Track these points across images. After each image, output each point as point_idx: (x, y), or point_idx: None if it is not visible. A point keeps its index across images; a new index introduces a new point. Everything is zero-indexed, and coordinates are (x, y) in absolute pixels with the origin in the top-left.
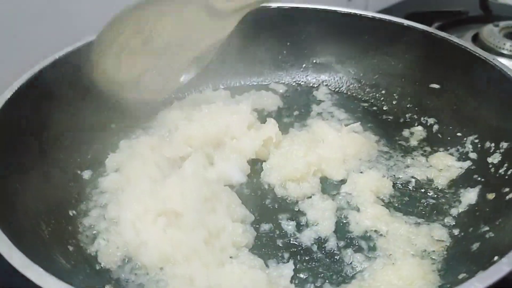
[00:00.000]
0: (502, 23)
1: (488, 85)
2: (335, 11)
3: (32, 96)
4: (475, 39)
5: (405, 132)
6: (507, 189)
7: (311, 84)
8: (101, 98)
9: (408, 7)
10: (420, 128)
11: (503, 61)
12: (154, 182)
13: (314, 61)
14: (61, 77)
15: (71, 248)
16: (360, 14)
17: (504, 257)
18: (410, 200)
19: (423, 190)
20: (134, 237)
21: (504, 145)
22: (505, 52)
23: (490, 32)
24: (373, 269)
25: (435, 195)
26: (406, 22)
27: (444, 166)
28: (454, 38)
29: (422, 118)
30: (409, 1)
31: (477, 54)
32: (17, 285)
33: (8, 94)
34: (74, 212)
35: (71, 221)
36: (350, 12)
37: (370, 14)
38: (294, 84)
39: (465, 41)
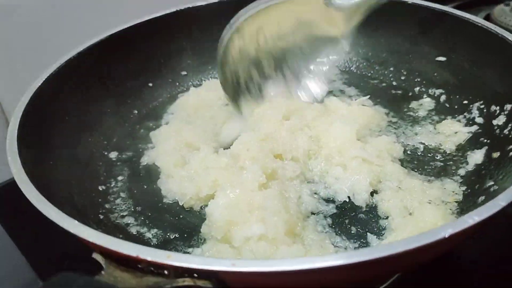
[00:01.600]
0: None
1: (491, 53)
2: None
3: (61, 85)
4: (487, 19)
5: (414, 104)
6: (511, 147)
7: None
8: (124, 87)
9: None
10: (428, 99)
11: None
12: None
13: None
14: (85, 69)
15: (101, 217)
16: None
17: (501, 194)
18: (418, 164)
19: (431, 155)
20: None
21: (508, 107)
22: None
23: (501, 11)
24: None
25: (443, 158)
26: (410, 0)
27: (451, 132)
28: (455, 11)
29: (430, 90)
30: None
31: (479, 24)
32: None
33: (38, 82)
34: (103, 187)
35: (100, 195)
36: None
37: None
38: None
39: (465, 13)
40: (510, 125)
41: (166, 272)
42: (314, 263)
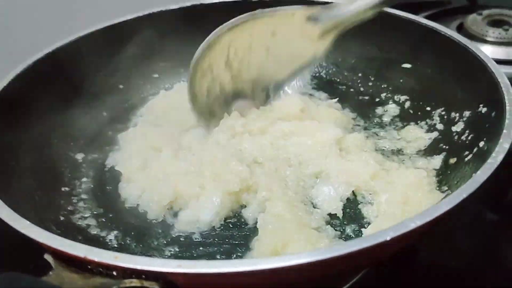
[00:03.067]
0: (486, 12)
1: (453, 62)
2: (312, 1)
3: (28, 86)
4: (461, 28)
5: (379, 110)
6: (467, 152)
7: None
8: (94, 89)
9: None
10: (393, 105)
11: (487, 47)
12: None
13: None
14: (55, 70)
15: (62, 218)
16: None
17: (446, 198)
18: None
19: (392, 160)
20: None
21: (467, 113)
22: (488, 39)
23: (474, 20)
24: None
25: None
26: None
27: (413, 138)
28: (420, 19)
29: (395, 96)
30: None
31: (442, 33)
32: None
33: (4, 82)
34: (66, 188)
35: (63, 196)
36: (327, 1)
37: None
38: None
39: (430, 21)
40: (467, 131)
41: (114, 273)
42: (261, 264)
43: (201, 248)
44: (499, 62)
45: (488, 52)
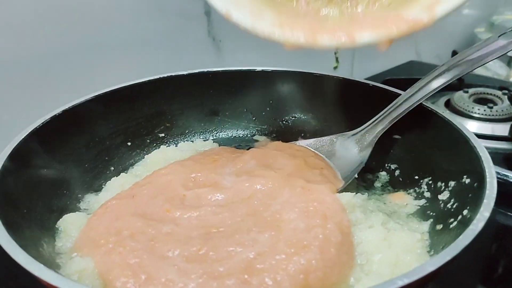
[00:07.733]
0: (471, 90)
1: (438, 134)
2: (309, 73)
3: (43, 140)
4: (448, 104)
5: (370, 176)
6: (452, 219)
7: None
8: (103, 145)
9: (388, 76)
10: (384, 173)
11: (473, 123)
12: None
13: (293, 116)
14: (68, 127)
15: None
16: (332, 76)
17: (430, 259)
18: None
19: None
20: None
21: (452, 183)
22: (474, 115)
23: (460, 97)
24: None
25: None
26: (371, 83)
27: (403, 204)
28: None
29: (386, 165)
30: (390, 71)
31: (429, 108)
32: None
33: (22, 135)
34: None
35: None
36: (322, 74)
37: (340, 76)
38: (275, 136)
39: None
40: (452, 200)
41: None
42: None
43: None
44: (485, 137)
45: (474, 127)
